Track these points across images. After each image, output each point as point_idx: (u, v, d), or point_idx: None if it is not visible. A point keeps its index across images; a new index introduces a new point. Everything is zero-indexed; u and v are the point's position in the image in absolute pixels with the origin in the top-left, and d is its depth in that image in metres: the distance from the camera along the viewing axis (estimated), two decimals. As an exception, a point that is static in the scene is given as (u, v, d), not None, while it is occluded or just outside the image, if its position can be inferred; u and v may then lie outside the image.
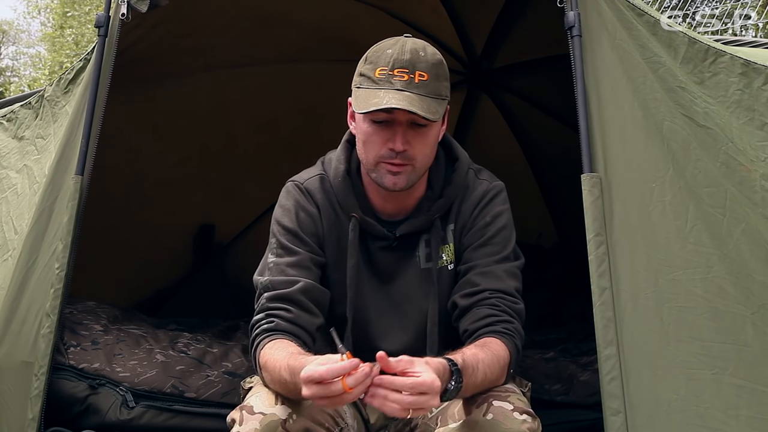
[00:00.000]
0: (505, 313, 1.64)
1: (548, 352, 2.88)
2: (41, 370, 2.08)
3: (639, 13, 1.94)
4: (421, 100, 1.57)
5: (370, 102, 1.59)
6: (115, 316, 2.96)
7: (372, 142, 1.64)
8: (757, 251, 1.77)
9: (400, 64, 1.58)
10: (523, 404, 1.53)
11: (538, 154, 4.33)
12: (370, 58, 1.65)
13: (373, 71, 1.61)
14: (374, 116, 1.61)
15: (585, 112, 1.86)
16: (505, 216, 1.76)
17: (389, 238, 1.75)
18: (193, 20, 2.87)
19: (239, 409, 1.54)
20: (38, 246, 2.23)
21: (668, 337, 1.70)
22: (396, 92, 1.57)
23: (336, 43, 3.46)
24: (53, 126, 2.49)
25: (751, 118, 1.89)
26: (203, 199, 3.90)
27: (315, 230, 1.75)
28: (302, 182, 1.79)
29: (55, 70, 14.57)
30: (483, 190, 1.76)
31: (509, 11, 3.52)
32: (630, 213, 1.79)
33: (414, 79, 1.58)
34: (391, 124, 1.61)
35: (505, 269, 1.70)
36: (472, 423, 1.48)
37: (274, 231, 1.75)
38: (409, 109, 1.55)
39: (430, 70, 1.60)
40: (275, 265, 1.70)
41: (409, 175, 1.65)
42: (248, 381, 1.72)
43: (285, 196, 1.79)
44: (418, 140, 1.62)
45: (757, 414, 1.65)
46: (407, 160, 1.62)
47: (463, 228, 1.76)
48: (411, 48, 1.60)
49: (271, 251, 1.73)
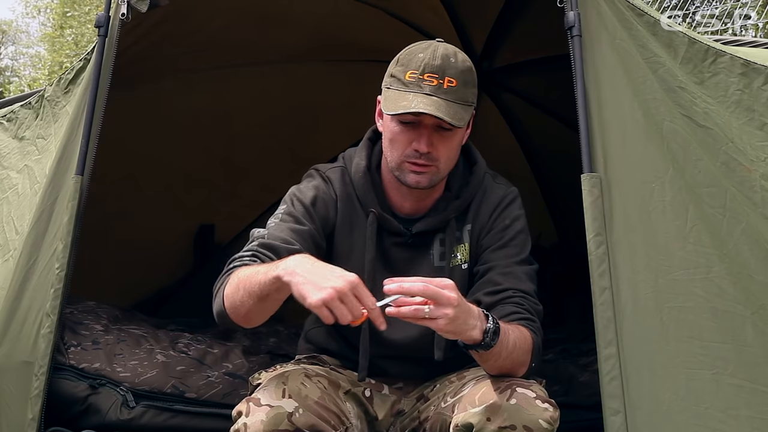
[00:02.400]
0: (529, 312, 1.68)
1: (547, 354, 2.87)
2: (41, 370, 2.08)
3: (639, 13, 1.94)
4: (449, 105, 1.61)
5: (398, 104, 1.62)
6: (115, 316, 2.96)
7: (398, 141, 1.68)
8: (757, 251, 1.77)
9: (430, 69, 1.62)
10: (544, 394, 1.56)
11: (538, 154, 4.33)
12: (401, 60, 1.68)
13: (404, 74, 1.64)
14: (402, 117, 1.65)
15: (585, 112, 1.86)
16: (522, 220, 1.80)
17: (404, 235, 1.78)
18: (193, 20, 2.87)
19: (246, 401, 1.56)
20: (38, 246, 2.23)
21: (668, 337, 1.71)
22: (425, 96, 1.61)
23: (336, 43, 3.46)
24: (54, 126, 2.49)
25: (751, 118, 1.89)
26: (203, 199, 3.90)
27: (327, 215, 1.78)
28: (325, 171, 1.84)
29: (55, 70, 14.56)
30: (501, 194, 1.81)
31: (509, 11, 3.52)
32: (630, 213, 1.80)
33: (443, 84, 1.62)
34: (418, 126, 1.65)
35: (524, 271, 1.74)
36: (495, 407, 1.50)
37: (287, 200, 1.78)
38: (436, 115, 1.59)
39: (459, 76, 1.63)
40: (276, 225, 1.71)
41: (433, 176, 1.69)
42: (256, 377, 1.74)
43: (307, 179, 1.84)
44: (442, 143, 1.66)
45: (757, 414, 1.65)
46: (431, 161, 1.67)
47: (481, 229, 1.79)
48: (442, 53, 1.64)
49: (275, 216, 1.75)
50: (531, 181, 4.38)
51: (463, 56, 1.68)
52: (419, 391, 1.84)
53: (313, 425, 1.55)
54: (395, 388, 1.86)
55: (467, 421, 1.52)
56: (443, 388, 1.76)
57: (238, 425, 1.54)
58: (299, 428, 1.52)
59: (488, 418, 1.49)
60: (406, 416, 1.82)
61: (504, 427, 1.48)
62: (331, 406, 1.64)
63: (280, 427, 1.50)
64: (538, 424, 1.48)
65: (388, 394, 1.85)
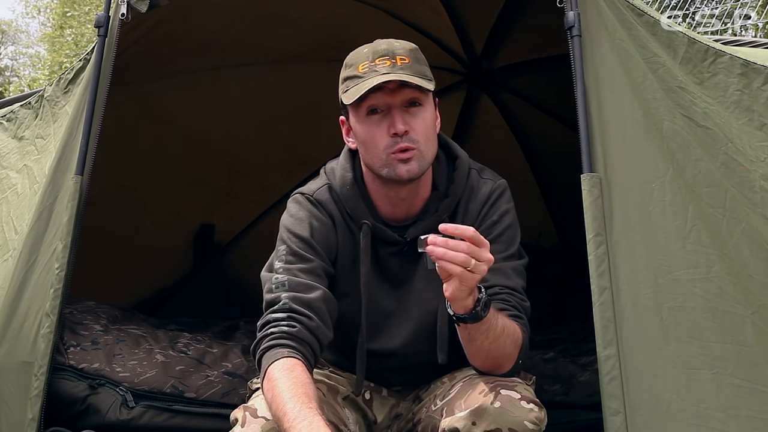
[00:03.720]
0: (516, 308, 1.66)
1: (548, 353, 2.87)
2: (41, 370, 2.08)
3: (639, 13, 1.94)
4: (409, 76, 1.62)
5: (361, 89, 1.62)
6: (115, 316, 2.96)
7: (374, 136, 1.66)
8: (756, 251, 1.77)
9: (379, 54, 1.64)
10: (530, 394, 1.55)
11: (538, 153, 4.33)
12: (349, 62, 1.70)
13: (356, 69, 1.66)
14: (369, 105, 1.64)
15: (585, 112, 1.86)
16: (511, 214, 1.78)
17: (400, 243, 1.75)
18: (193, 20, 2.87)
19: (243, 409, 1.55)
20: (38, 246, 2.23)
21: (668, 337, 1.70)
22: (382, 75, 1.61)
23: (336, 43, 3.44)
24: (53, 126, 2.49)
25: (750, 119, 1.89)
26: (203, 199, 3.90)
27: (327, 241, 1.74)
28: (311, 194, 1.78)
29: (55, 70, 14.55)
30: (489, 190, 1.78)
31: (509, 11, 3.52)
32: (630, 213, 1.79)
33: (396, 62, 1.63)
34: (387, 113, 1.64)
35: (512, 267, 1.72)
36: (479, 411, 1.49)
37: (285, 239, 1.72)
38: (400, 79, 1.59)
39: (409, 54, 1.66)
40: (285, 270, 1.67)
41: (419, 161, 1.66)
42: (255, 381, 1.72)
43: (296, 207, 1.77)
44: (416, 121, 1.65)
45: (757, 414, 1.65)
46: (412, 142, 1.64)
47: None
48: (386, 41, 1.68)
49: (278, 258, 1.70)
50: (531, 181, 4.38)
51: (407, 42, 1.70)
52: (415, 392, 1.84)
53: None
54: (394, 391, 1.86)
55: (453, 425, 1.51)
56: (435, 389, 1.76)
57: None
58: None
59: (473, 422, 1.49)
60: (402, 418, 1.82)
61: (489, 431, 1.47)
62: (329, 415, 1.63)
63: None
64: (523, 425, 1.48)
65: (388, 396, 1.85)
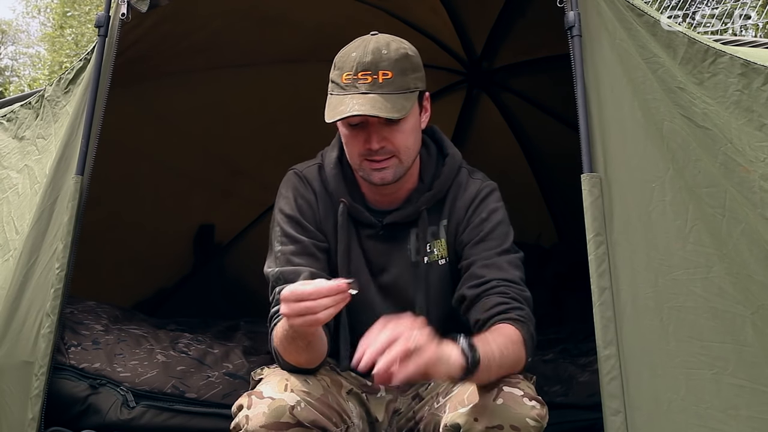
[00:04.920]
0: (515, 300, 1.65)
1: (547, 354, 2.87)
2: (41, 370, 2.08)
3: (639, 14, 1.95)
4: (386, 99, 1.61)
5: (337, 110, 1.62)
6: (115, 316, 2.95)
7: (351, 144, 1.70)
8: (756, 251, 1.77)
9: (362, 67, 1.62)
10: (532, 391, 1.55)
11: (538, 154, 4.33)
12: (337, 63, 1.69)
13: (340, 77, 1.65)
14: (347, 121, 1.65)
15: (585, 112, 1.86)
16: (501, 212, 1.78)
17: (376, 226, 1.78)
18: (193, 20, 2.87)
19: (247, 395, 1.57)
20: (39, 246, 2.23)
21: (668, 336, 1.70)
22: (360, 96, 1.60)
23: (336, 44, 3.42)
24: (54, 126, 2.49)
25: (750, 119, 1.90)
26: (203, 199, 3.90)
27: (314, 216, 1.80)
28: (301, 170, 1.85)
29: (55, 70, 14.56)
30: (477, 188, 1.80)
31: (509, 11, 3.52)
32: (630, 213, 1.80)
33: (378, 79, 1.62)
34: (366, 126, 1.65)
35: (507, 260, 1.72)
36: (481, 408, 1.50)
37: (278, 219, 1.80)
38: (371, 114, 1.59)
39: (393, 67, 1.63)
40: (282, 254, 1.75)
41: (396, 168, 1.69)
42: (258, 372, 1.74)
43: (284, 184, 1.85)
44: (394, 135, 1.66)
45: (757, 414, 1.65)
46: (388, 154, 1.67)
47: (458, 225, 1.78)
48: (373, 48, 1.64)
49: (276, 239, 1.78)
50: (531, 181, 4.38)
51: (398, 44, 1.67)
52: (415, 389, 1.84)
53: (315, 420, 1.55)
54: (391, 385, 1.86)
55: (455, 421, 1.52)
56: (437, 387, 1.76)
57: (239, 418, 1.54)
58: (300, 422, 1.53)
59: (475, 419, 1.49)
60: (401, 416, 1.82)
61: (491, 427, 1.48)
62: (334, 404, 1.64)
63: (282, 419, 1.51)
64: (525, 422, 1.48)
65: (384, 394, 1.85)
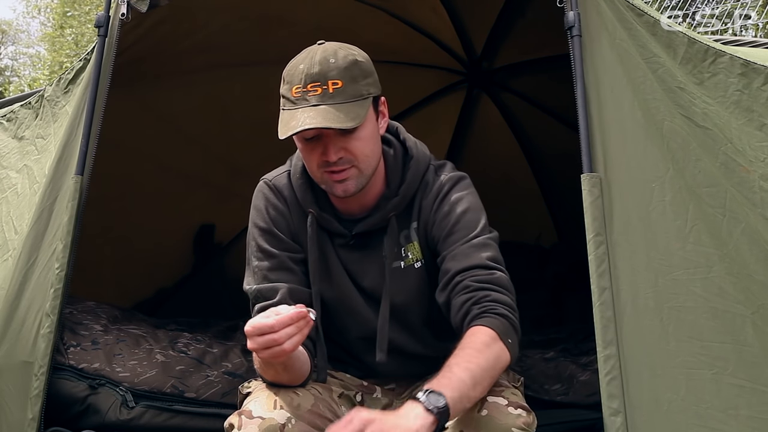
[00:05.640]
0: (479, 290, 1.60)
1: (548, 352, 2.88)
2: (41, 370, 2.08)
3: (639, 13, 1.95)
4: (338, 109, 1.57)
5: (289, 125, 1.60)
6: (115, 316, 2.96)
7: (309, 158, 1.66)
8: (756, 251, 1.77)
9: (311, 79, 1.58)
10: (518, 399, 1.53)
11: (538, 154, 4.33)
12: (286, 77, 1.65)
13: (290, 91, 1.62)
14: (303, 135, 1.62)
15: (585, 112, 1.86)
16: (465, 200, 1.72)
17: (346, 236, 1.75)
18: (193, 20, 2.87)
19: (237, 414, 1.54)
20: (38, 246, 2.23)
21: (668, 336, 1.70)
22: (311, 109, 1.57)
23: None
24: (53, 126, 2.49)
25: (750, 119, 1.89)
26: (203, 199, 3.90)
27: (287, 226, 1.76)
28: (271, 180, 1.83)
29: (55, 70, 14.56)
30: (440, 183, 1.75)
31: (509, 11, 3.52)
32: (630, 213, 1.80)
33: (328, 89, 1.58)
34: (320, 138, 1.62)
35: (473, 245, 1.66)
36: (466, 420, 1.48)
37: (252, 234, 1.77)
38: (324, 126, 1.55)
39: (343, 75, 1.59)
40: (258, 270, 1.72)
41: (357, 179, 1.65)
42: (246, 386, 1.72)
43: (256, 195, 1.82)
44: (351, 144, 1.62)
45: (757, 414, 1.65)
46: (347, 164, 1.63)
47: (426, 224, 1.75)
48: (320, 58, 1.60)
49: (252, 254, 1.75)
50: (531, 181, 4.37)
51: (346, 52, 1.63)
52: (410, 392, 1.83)
53: None
54: (388, 389, 1.85)
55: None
56: None
57: None
58: None
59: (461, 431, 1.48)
60: None
61: None
62: (326, 412, 1.62)
63: None
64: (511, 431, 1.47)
65: (380, 397, 1.84)
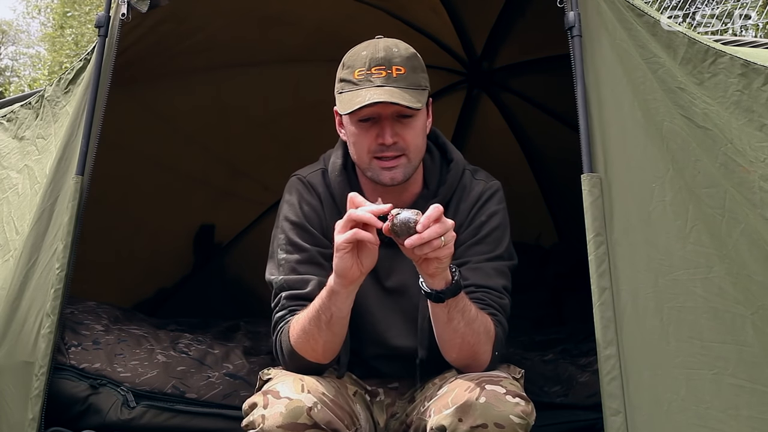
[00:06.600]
0: (491, 306, 1.70)
1: (547, 354, 2.87)
2: (41, 370, 2.08)
3: (639, 14, 1.95)
4: (402, 91, 1.63)
5: (354, 102, 1.64)
6: (115, 316, 2.95)
7: (362, 141, 1.70)
8: (756, 252, 1.77)
9: (376, 63, 1.65)
10: (516, 388, 1.56)
11: (538, 154, 4.33)
12: (347, 63, 1.70)
13: (352, 74, 1.67)
14: (360, 115, 1.66)
15: (585, 112, 1.86)
16: (500, 215, 1.80)
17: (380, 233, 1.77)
18: (193, 20, 2.87)
19: (262, 394, 1.56)
20: (39, 246, 2.23)
21: (668, 337, 1.71)
22: (377, 88, 1.63)
23: (336, 43, 3.43)
24: (54, 126, 2.49)
25: (750, 119, 1.90)
26: (203, 199, 3.90)
27: (319, 222, 1.80)
28: (305, 176, 1.85)
29: (55, 70, 14.57)
30: (480, 190, 1.81)
31: (509, 11, 3.52)
32: (630, 213, 1.80)
33: (392, 74, 1.64)
34: (378, 121, 1.66)
35: (494, 267, 1.75)
36: (465, 407, 1.50)
37: (283, 227, 1.79)
38: (392, 101, 1.61)
39: (406, 63, 1.66)
40: (286, 263, 1.75)
41: (405, 168, 1.70)
42: (266, 372, 1.74)
43: (288, 190, 1.85)
44: (406, 131, 1.68)
45: (757, 414, 1.65)
46: (400, 151, 1.68)
47: (460, 226, 1.78)
48: (384, 46, 1.67)
49: (280, 247, 1.78)
50: (531, 181, 4.38)
51: (405, 45, 1.71)
52: (411, 392, 1.84)
53: (330, 422, 1.55)
54: (390, 388, 1.86)
55: (440, 423, 1.52)
56: (426, 390, 1.77)
57: (254, 416, 1.54)
58: (317, 423, 1.52)
59: (460, 419, 1.50)
60: (397, 419, 1.82)
61: (475, 426, 1.48)
62: (345, 405, 1.65)
63: (299, 420, 1.51)
64: (509, 419, 1.48)
65: (383, 398, 1.85)
